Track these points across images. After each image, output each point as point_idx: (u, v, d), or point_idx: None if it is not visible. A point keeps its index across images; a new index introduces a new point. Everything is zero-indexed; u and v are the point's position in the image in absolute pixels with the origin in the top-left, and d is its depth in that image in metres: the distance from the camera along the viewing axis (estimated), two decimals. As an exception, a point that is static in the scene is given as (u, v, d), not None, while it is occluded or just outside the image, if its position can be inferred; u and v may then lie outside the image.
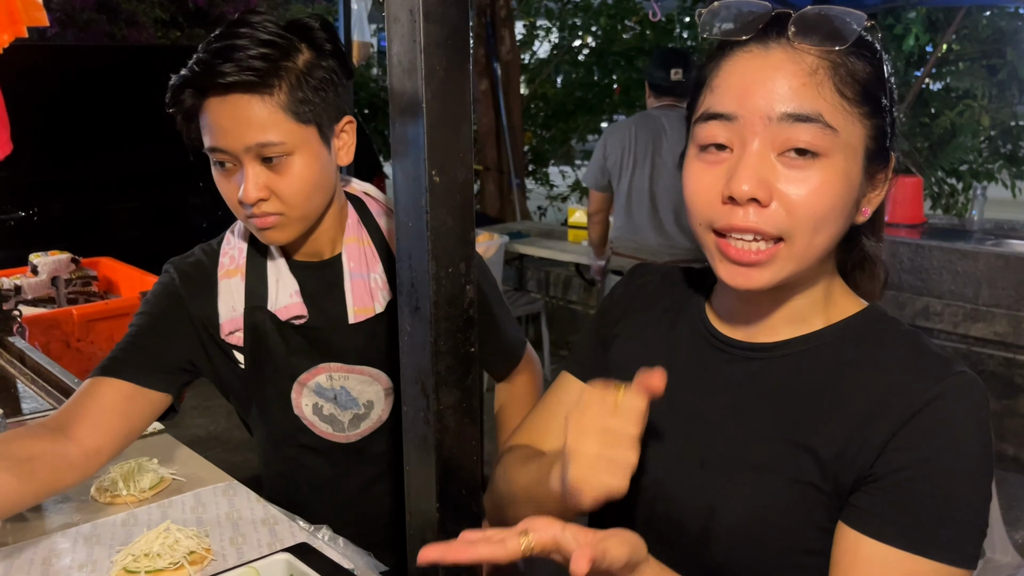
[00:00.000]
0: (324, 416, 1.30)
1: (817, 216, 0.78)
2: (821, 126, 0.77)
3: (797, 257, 0.80)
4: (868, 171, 0.83)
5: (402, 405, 0.85)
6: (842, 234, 0.84)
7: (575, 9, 8.38)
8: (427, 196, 0.78)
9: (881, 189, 0.86)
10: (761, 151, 0.78)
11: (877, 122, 0.82)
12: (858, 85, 0.80)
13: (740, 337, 0.91)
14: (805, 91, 0.78)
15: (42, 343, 2.48)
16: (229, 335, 1.27)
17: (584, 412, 0.79)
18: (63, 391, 1.81)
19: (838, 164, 0.79)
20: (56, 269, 2.93)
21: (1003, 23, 6.51)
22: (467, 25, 0.78)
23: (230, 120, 1.12)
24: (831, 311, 0.89)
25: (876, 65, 0.82)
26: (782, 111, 0.77)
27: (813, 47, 0.79)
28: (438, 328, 0.80)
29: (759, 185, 0.77)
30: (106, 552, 1.12)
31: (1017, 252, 3.58)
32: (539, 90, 8.37)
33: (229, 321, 1.26)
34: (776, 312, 0.89)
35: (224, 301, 1.27)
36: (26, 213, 4.00)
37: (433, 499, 0.84)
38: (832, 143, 0.78)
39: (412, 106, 0.77)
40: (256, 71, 1.08)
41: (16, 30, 1.44)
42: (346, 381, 1.28)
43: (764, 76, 0.79)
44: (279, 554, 1.01)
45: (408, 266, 0.82)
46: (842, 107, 0.79)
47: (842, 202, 0.80)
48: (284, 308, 1.25)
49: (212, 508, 1.24)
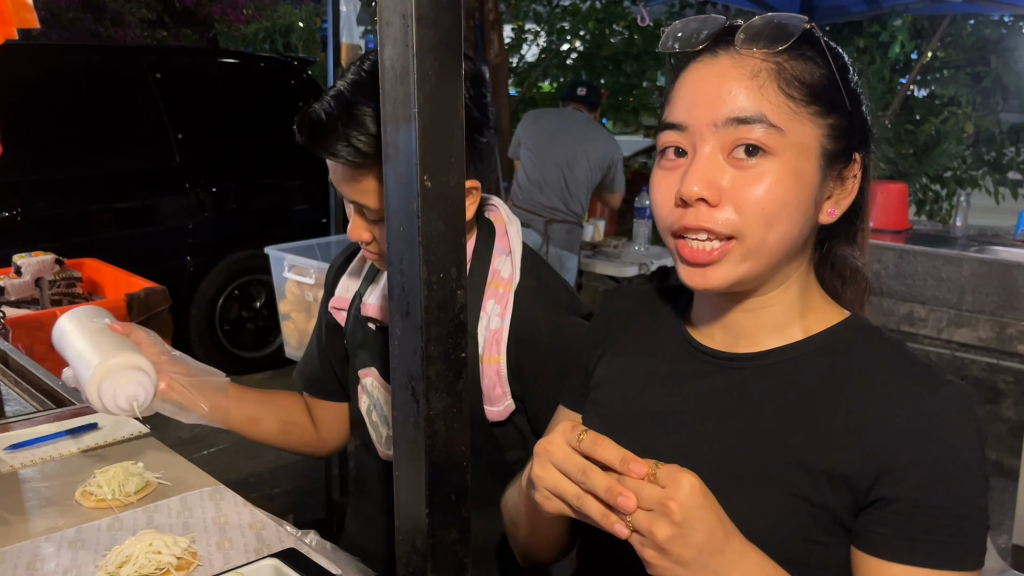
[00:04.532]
0: (372, 421, 1.36)
1: (765, 212, 0.81)
2: (765, 126, 0.80)
3: (751, 255, 0.82)
4: (828, 171, 0.84)
5: (392, 409, 0.85)
6: (802, 234, 0.84)
7: (563, 13, 8.41)
8: (419, 201, 0.77)
9: (850, 190, 0.87)
10: (711, 154, 0.82)
11: (833, 121, 0.83)
12: (804, 86, 0.82)
13: (721, 347, 0.91)
14: (748, 94, 0.81)
15: (26, 345, 2.45)
16: (334, 309, 1.40)
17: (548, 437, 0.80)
18: (47, 394, 1.79)
19: (787, 162, 0.81)
20: (40, 270, 2.91)
21: (987, 31, 6.58)
22: (460, 30, 0.77)
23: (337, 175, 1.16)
24: (810, 320, 0.89)
25: (825, 65, 0.84)
26: (726, 116, 0.81)
27: (758, 52, 0.82)
28: (429, 333, 0.80)
29: (706, 186, 0.81)
30: (91, 557, 1.11)
31: (1000, 258, 3.61)
32: (527, 93, 8.38)
33: (339, 298, 1.39)
34: (751, 321, 0.89)
35: (344, 281, 1.40)
36: (9, 213, 3.96)
37: (423, 504, 0.84)
38: (778, 142, 0.81)
39: (404, 111, 0.77)
40: (360, 152, 1.10)
41: (7, 32, 1.43)
42: (381, 395, 1.32)
43: (711, 84, 0.83)
44: (267, 559, 1.01)
45: (399, 271, 0.81)
46: (788, 107, 0.81)
47: (794, 199, 0.81)
48: (367, 306, 1.30)
49: (198, 512, 1.24)
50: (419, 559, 0.85)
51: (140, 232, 4.49)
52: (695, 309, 0.96)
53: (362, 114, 1.10)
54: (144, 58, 4.74)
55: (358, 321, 1.35)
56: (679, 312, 0.98)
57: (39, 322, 2.60)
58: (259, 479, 3.61)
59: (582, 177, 4.30)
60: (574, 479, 0.75)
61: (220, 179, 4.62)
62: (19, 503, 1.29)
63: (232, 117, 4.84)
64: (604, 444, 0.75)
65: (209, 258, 4.67)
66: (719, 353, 0.91)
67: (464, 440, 0.85)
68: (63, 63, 4.44)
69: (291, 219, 4.97)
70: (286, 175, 4.95)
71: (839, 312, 0.91)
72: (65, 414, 1.63)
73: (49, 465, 1.41)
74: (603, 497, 0.73)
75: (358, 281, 1.38)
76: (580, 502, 0.75)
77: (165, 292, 2.93)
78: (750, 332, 0.90)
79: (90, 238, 4.22)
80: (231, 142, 4.77)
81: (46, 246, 3.21)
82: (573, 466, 0.75)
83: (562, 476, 0.76)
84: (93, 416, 1.58)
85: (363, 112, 1.10)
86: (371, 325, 1.31)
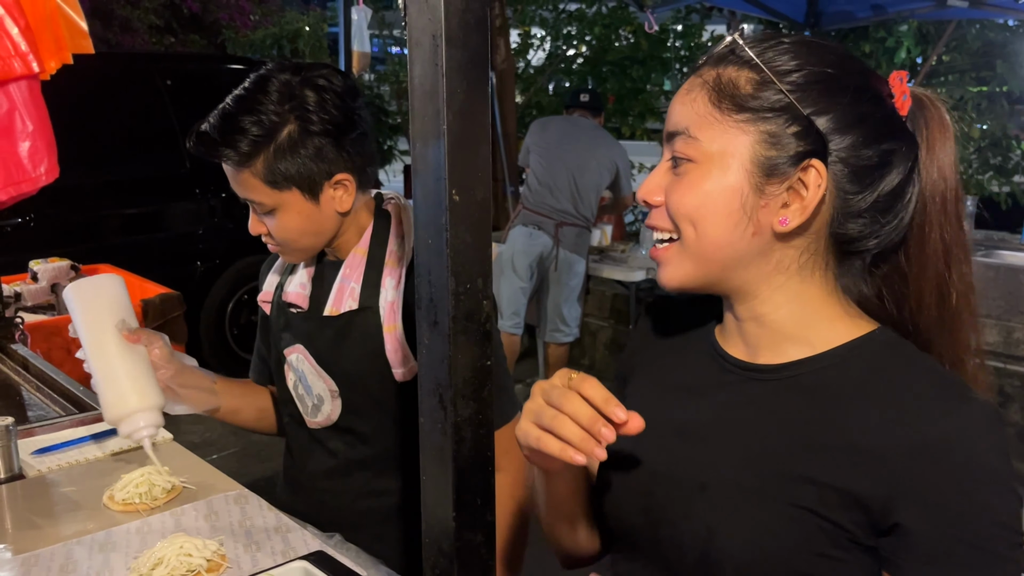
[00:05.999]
0: (298, 394, 1.47)
1: (684, 213, 0.86)
2: (685, 137, 0.86)
3: (690, 254, 0.87)
4: (766, 178, 0.83)
5: (419, 416, 0.87)
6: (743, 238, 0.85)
7: (569, 18, 8.43)
8: (447, 215, 0.80)
9: (811, 199, 0.83)
10: (663, 164, 0.90)
11: (770, 128, 0.83)
12: (732, 95, 0.84)
13: (744, 357, 0.92)
14: (680, 108, 0.87)
15: (43, 350, 2.48)
16: (262, 301, 1.54)
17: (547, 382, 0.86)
18: (68, 399, 1.82)
19: (708, 169, 0.85)
20: (56, 276, 2.95)
21: (992, 35, 6.60)
22: (487, 49, 0.80)
23: (229, 177, 1.34)
24: (832, 332, 0.88)
25: (759, 73, 0.83)
26: (666, 131, 0.89)
27: (703, 69, 0.88)
28: (456, 342, 0.83)
29: (649, 191, 0.90)
30: (122, 560, 1.14)
31: (1007, 263, 3.63)
32: (533, 99, 8.40)
33: (266, 292, 1.53)
34: (758, 330, 0.90)
35: (271, 277, 1.54)
36: (24, 219, 4.00)
37: (450, 508, 0.86)
38: (697, 150, 0.85)
39: (433, 128, 0.79)
40: (239, 153, 1.28)
41: (62, 56, 1.47)
42: (304, 366, 1.44)
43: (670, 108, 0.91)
44: (296, 562, 1.03)
45: (427, 282, 0.84)
46: (712, 117, 0.85)
47: (711, 203, 0.85)
48: (288, 293, 1.46)
49: (224, 516, 1.26)
50: (446, 562, 0.87)
51: (150, 238, 4.53)
52: (724, 319, 0.97)
53: (242, 122, 1.27)
54: (154, 65, 4.79)
55: (281, 308, 1.50)
56: (712, 325, 0.99)
57: (56, 327, 2.64)
58: (269, 483, 3.63)
59: (591, 181, 4.34)
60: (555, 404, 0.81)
61: (229, 185, 4.65)
62: (48, 507, 1.32)
63: (241, 123, 4.87)
64: (591, 383, 0.80)
65: (219, 263, 4.71)
66: (742, 363, 0.92)
67: (489, 446, 0.87)
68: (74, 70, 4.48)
69: (300, 225, 4.99)
70: (295, 180, 4.98)
71: (866, 324, 0.89)
72: (88, 419, 1.67)
73: (75, 469, 1.44)
74: (586, 424, 0.79)
75: (279, 276, 1.53)
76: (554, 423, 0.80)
77: (179, 298, 2.96)
78: (765, 342, 0.90)
79: (101, 244, 4.26)
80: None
81: (58, 252, 3.24)
82: (558, 393, 0.81)
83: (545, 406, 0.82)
84: (115, 421, 1.61)
85: (243, 121, 1.27)
86: (292, 310, 1.46)
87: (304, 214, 1.33)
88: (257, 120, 1.27)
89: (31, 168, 1.50)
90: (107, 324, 1.33)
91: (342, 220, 1.37)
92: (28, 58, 1.43)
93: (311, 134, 1.29)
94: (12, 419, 1.41)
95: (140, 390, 1.30)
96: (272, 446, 3.99)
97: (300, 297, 1.44)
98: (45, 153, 1.50)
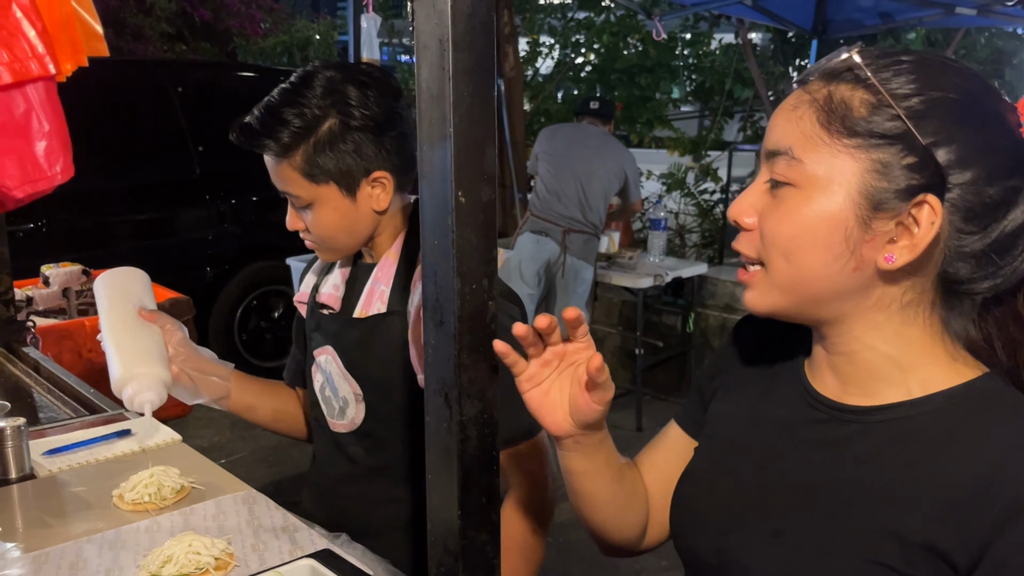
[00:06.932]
0: (324, 396, 1.47)
1: (779, 243, 0.80)
2: (788, 158, 0.79)
3: (778, 285, 0.82)
4: (874, 211, 0.77)
5: (426, 415, 0.88)
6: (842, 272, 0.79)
7: (578, 26, 8.46)
8: (453, 216, 0.81)
9: (922, 237, 0.76)
10: (759, 183, 0.84)
11: (883, 157, 0.76)
12: (841, 117, 0.77)
13: (833, 395, 0.87)
14: (784, 126, 0.81)
15: (54, 353, 2.51)
16: (298, 302, 1.56)
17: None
18: (80, 401, 1.84)
19: (809, 195, 0.79)
20: (67, 280, 2.97)
21: (1001, 43, 6.60)
22: (493, 53, 0.81)
23: (270, 169, 1.35)
24: (931, 375, 0.82)
25: (874, 94, 0.77)
26: (766, 149, 0.83)
27: (814, 82, 0.81)
28: (462, 341, 0.84)
29: (742, 212, 0.84)
30: (132, 558, 1.15)
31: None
32: (542, 106, 8.43)
33: (302, 293, 1.54)
34: (848, 366, 0.85)
35: (308, 279, 1.55)
36: (34, 225, 4.04)
37: (455, 507, 0.87)
38: (799, 174, 0.79)
39: (440, 130, 0.81)
40: (279, 144, 1.29)
41: (78, 59, 1.50)
42: (332, 368, 1.44)
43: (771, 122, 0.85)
44: (303, 560, 1.04)
45: (434, 282, 0.85)
46: (820, 139, 0.78)
47: (812, 235, 0.79)
48: (322, 295, 1.47)
49: (232, 516, 1.28)
50: (451, 560, 0.88)
51: (161, 243, 4.56)
52: (813, 352, 0.91)
53: (284, 114, 1.28)
54: (166, 72, 4.83)
55: (314, 309, 1.51)
56: (803, 353, 0.93)
57: (67, 331, 2.66)
58: (278, 487, 3.65)
59: (599, 187, 4.35)
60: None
61: (239, 191, 4.69)
62: (59, 506, 1.33)
63: (252, 130, 4.91)
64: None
65: (228, 269, 4.73)
66: (831, 402, 0.87)
67: (494, 445, 0.88)
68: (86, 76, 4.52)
69: (309, 231, 5.02)
70: (305, 187, 5.01)
71: (973, 369, 0.82)
72: (98, 421, 1.68)
73: (85, 470, 1.46)
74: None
75: (316, 276, 1.54)
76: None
77: (190, 302, 2.98)
78: (855, 380, 0.85)
79: (112, 249, 4.29)
80: (251, 154, 4.82)
81: (69, 257, 3.27)
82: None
83: None
84: (126, 423, 1.63)
85: (285, 112, 1.28)
86: (324, 311, 1.47)
87: (340, 210, 1.34)
88: (299, 112, 1.28)
89: (47, 167, 1.53)
90: (127, 304, 1.42)
91: (379, 220, 1.38)
92: (45, 60, 1.46)
93: (351, 129, 1.30)
94: (24, 420, 1.42)
95: (146, 361, 1.35)
96: (280, 451, 4.01)
97: (333, 298, 1.44)
98: (61, 153, 1.52)
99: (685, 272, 4.64)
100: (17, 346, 2.21)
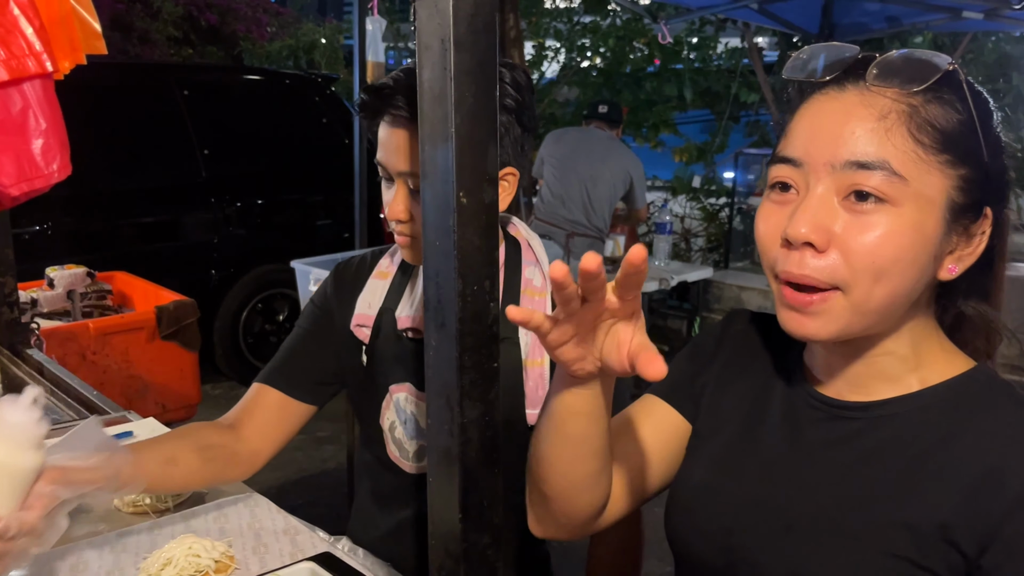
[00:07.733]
0: (394, 437, 1.34)
1: (876, 266, 0.74)
2: (887, 173, 0.74)
3: (855, 309, 0.76)
4: (953, 225, 0.77)
5: (427, 418, 0.88)
6: (915, 290, 0.78)
7: (584, 30, 8.46)
8: (455, 217, 0.81)
9: (976, 246, 0.79)
10: (824, 195, 0.76)
11: (966, 173, 0.76)
12: (937, 132, 0.75)
13: (833, 394, 0.87)
14: (872, 137, 0.75)
15: (58, 355, 2.51)
16: (357, 327, 1.35)
17: None
18: (82, 403, 1.84)
19: (907, 214, 0.74)
20: (72, 283, 2.98)
21: (1009, 47, 6.57)
22: (495, 54, 0.81)
23: (394, 144, 1.20)
24: (928, 371, 0.84)
25: (965, 111, 0.76)
26: (846, 159, 0.75)
27: (890, 90, 0.76)
28: (463, 343, 0.83)
29: (815, 229, 0.75)
30: (132, 560, 1.15)
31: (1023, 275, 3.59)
32: (547, 110, 8.43)
33: (361, 315, 1.35)
34: (860, 369, 0.85)
35: (364, 297, 1.36)
36: (40, 227, 4.04)
37: (456, 510, 0.86)
38: (900, 192, 0.74)
39: (442, 131, 0.80)
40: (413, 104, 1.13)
41: (76, 57, 1.49)
42: (416, 408, 1.31)
43: (833, 121, 0.77)
44: (303, 563, 1.04)
45: (435, 283, 0.85)
46: (915, 154, 0.75)
47: (910, 255, 0.75)
48: (404, 317, 1.31)
49: (234, 518, 1.27)
50: (452, 563, 0.88)
51: (166, 246, 4.57)
52: (809, 350, 0.91)
53: None
54: (172, 75, 4.83)
55: (389, 335, 1.34)
56: (797, 351, 0.93)
57: (71, 333, 2.67)
58: (281, 491, 3.64)
59: (604, 192, 4.35)
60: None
61: (245, 194, 4.70)
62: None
63: (257, 133, 4.92)
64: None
65: (234, 272, 4.74)
66: (831, 400, 0.87)
67: (496, 447, 0.88)
68: (93, 79, 4.53)
69: (315, 234, 5.03)
70: (310, 190, 5.02)
71: (963, 363, 0.85)
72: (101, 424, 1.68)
73: (87, 472, 1.45)
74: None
75: (380, 296, 1.36)
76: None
77: (194, 305, 2.99)
78: (862, 380, 0.85)
79: (117, 252, 4.30)
80: (256, 157, 4.84)
81: (75, 259, 3.28)
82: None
83: None
84: (128, 425, 1.63)
85: None
86: (409, 335, 1.31)
87: None
88: None
89: (44, 165, 1.52)
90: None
91: None
92: (42, 57, 1.44)
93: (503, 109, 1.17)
94: (26, 421, 1.42)
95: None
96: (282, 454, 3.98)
97: (415, 320, 1.28)
98: (58, 151, 1.52)
99: (691, 276, 4.63)
100: (21, 348, 2.21)
